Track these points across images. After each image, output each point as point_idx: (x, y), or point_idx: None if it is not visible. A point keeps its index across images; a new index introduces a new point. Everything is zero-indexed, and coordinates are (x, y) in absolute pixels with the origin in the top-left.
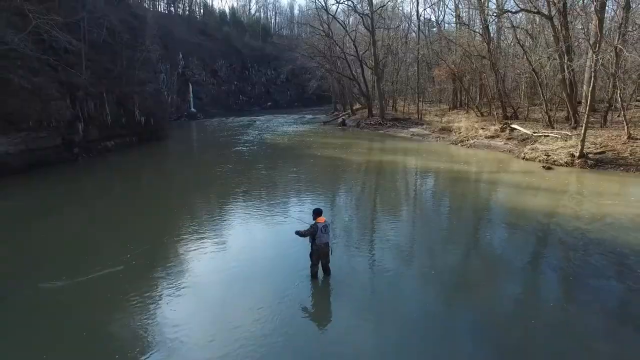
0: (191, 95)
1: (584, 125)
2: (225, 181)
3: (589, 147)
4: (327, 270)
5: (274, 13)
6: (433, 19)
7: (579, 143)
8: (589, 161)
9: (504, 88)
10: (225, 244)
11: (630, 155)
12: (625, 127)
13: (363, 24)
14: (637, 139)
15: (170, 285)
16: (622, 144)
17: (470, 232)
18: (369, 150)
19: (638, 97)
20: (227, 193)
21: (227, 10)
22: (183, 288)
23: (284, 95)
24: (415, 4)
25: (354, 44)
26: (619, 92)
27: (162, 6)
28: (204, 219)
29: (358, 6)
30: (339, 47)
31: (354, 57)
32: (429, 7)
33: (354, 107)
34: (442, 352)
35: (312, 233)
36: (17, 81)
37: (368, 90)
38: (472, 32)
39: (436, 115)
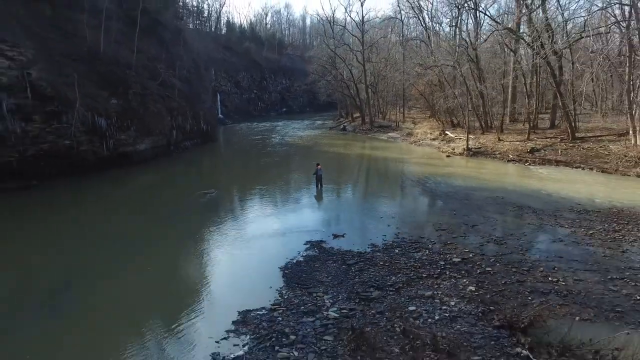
0: (219, 103)
1: (466, 132)
2: (277, 165)
3: (475, 145)
4: (321, 185)
5: (287, 26)
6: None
7: (466, 142)
8: (470, 152)
9: (450, 105)
10: (275, 187)
11: (492, 149)
12: (497, 133)
13: (357, 59)
14: (502, 140)
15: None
16: (493, 143)
17: (389, 176)
18: (361, 147)
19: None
20: (281, 172)
21: (246, 25)
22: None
23: (297, 101)
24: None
25: (350, 72)
26: (495, 110)
27: (191, 24)
28: (271, 184)
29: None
30: (341, 74)
31: (351, 81)
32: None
33: (354, 115)
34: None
35: (315, 172)
36: (151, 108)
37: (362, 105)
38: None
39: (413, 123)
